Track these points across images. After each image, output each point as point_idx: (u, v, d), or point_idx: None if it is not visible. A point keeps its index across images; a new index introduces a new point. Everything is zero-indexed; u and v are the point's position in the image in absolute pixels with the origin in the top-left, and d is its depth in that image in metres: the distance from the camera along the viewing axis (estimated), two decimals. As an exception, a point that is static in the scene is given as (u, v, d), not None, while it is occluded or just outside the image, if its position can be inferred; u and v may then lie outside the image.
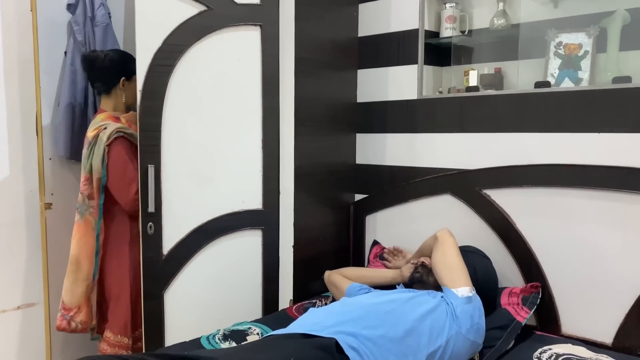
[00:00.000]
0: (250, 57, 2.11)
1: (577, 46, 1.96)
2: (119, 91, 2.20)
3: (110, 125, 2.08)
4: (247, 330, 1.88)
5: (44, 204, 2.28)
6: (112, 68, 2.16)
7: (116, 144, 2.07)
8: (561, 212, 1.86)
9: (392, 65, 2.33)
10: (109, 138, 2.05)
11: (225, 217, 2.11)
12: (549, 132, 1.89)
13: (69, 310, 2.12)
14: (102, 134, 2.06)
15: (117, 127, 2.07)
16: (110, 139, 2.05)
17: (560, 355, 1.66)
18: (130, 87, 2.17)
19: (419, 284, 1.83)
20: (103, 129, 2.07)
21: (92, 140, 2.08)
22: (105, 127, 2.08)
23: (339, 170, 2.42)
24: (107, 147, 2.05)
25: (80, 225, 2.11)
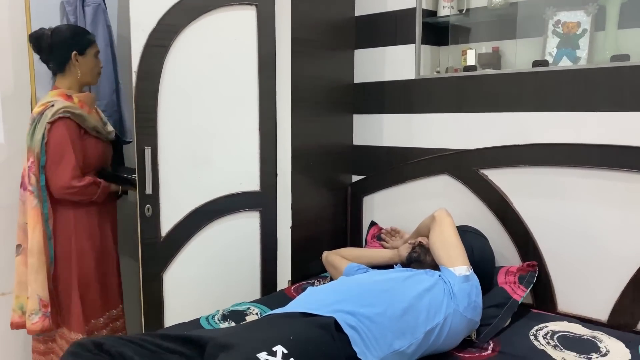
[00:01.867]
0: (246, 37, 2.09)
1: (576, 24, 1.94)
2: (73, 68, 2.05)
3: (57, 103, 1.96)
4: (246, 310, 1.89)
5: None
6: (61, 44, 2.02)
7: (59, 124, 1.94)
8: (558, 191, 1.86)
9: (390, 45, 2.31)
10: (53, 116, 1.92)
11: (223, 199, 2.11)
12: (547, 112, 1.89)
13: (47, 306, 1.98)
14: (48, 111, 1.93)
15: (64, 105, 1.95)
16: (54, 118, 1.92)
17: (556, 333, 1.68)
18: (85, 62, 2.06)
19: (417, 263, 1.84)
20: (50, 106, 1.95)
21: (36, 117, 1.95)
22: (52, 104, 1.95)
23: (336, 152, 2.41)
24: (48, 126, 1.91)
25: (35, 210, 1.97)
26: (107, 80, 2.28)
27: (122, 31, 2.40)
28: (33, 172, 1.93)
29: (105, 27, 2.28)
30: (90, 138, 2.05)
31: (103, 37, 2.26)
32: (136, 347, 1.26)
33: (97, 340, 1.24)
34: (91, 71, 2.08)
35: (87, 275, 2.08)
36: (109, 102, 2.28)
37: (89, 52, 2.05)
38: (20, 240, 2.05)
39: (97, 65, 2.11)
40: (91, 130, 2.04)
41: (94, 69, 2.10)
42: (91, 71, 2.08)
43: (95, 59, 2.09)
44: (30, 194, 1.95)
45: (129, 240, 2.48)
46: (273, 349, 1.22)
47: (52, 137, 1.93)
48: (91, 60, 2.07)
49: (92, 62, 2.08)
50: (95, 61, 2.09)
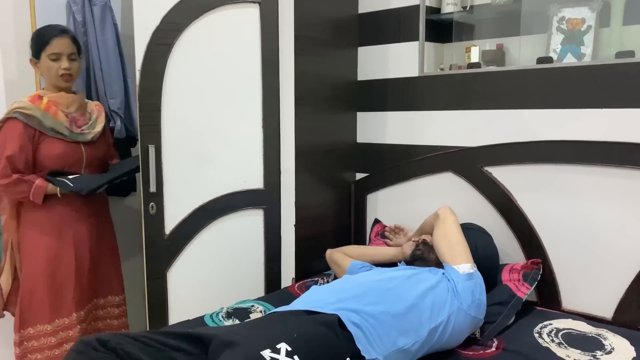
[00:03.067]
0: (250, 35, 2.09)
1: (580, 21, 1.93)
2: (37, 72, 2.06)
3: (16, 104, 1.94)
4: (250, 308, 1.90)
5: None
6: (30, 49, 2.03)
7: (6, 125, 1.93)
8: (562, 188, 1.86)
9: (393, 42, 2.30)
10: (4, 116, 1.93)
11: (227, 197, 2.11)
12: (551, 108, 1.88)
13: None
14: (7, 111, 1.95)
15: (18, 106, 1.93)
16: (3, 117, 1.93)
17: (560, 330, 1.67)
18: (41, 66, 2.01)
19: (420, 261, 1.84)
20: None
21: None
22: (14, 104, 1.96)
23: (339, 149, 2.41)
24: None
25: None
26: (118, 78, 2.29)
27: (125, 30, 2.40)
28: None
29: (112, 26, 2.28)
30: (48, 139, 1.97)
31: (111, 36, 2.26)
32: (141, 345, 1.26)
33: (102, 337, 1.25)
34: (48, 74, 2.00)
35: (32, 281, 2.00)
36: (121, 100, 2.28)
37: (43, 55, 1.98)
38: None
39: (53, 67, 1.98)
40: (48, 131, 1.96)
41: (50, 71, 1.99)
42: (48, 74, 2.00)
43: (49, 61, 1.98)
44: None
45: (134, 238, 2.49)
46: (277, 347, 1.22)
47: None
48: (46, 63, 1.99)
49: (46, 65, 1.99)
50: (49, 64, 1.98)
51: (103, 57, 2.25)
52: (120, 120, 2.28)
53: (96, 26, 2.25)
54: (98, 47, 2.26)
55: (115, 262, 2.29)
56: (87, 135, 2.07)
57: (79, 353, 1.21)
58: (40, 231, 2.01)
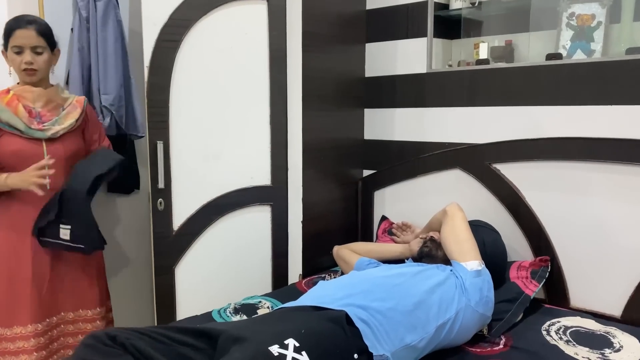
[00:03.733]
0: (257, 31, 2.09)
1: (590, 17, 1.92)
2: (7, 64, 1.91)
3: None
4: (257, 303, 1.90)
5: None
6: None
7: None
8: (571, 185, 1.85)
9: (401, 38, 2.30)
10: None
11: (234, 193, 2.12)
12: (560, 105, 1.87)
13: None
14: None
15: None
16: None
17: (568, 328, 1.67)
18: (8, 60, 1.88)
19: (428, 258, 1.83)
20: None
21: None
22: None
23: (347, 146, 2.41)
24: None
25: None
26: (115, 75, 2.29)
27: (133, 26, 2.41)
28: None
29: (115, 22, 2.28)
30: (6, 134, 1.84)
31: (113, 32, 2.26)
32: (150, 340, 1.27)
33: (110, 332, 1.25)
34: (14, 67, 1.88)
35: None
36: (115, 97, 2.27)
37: (9, 48, 1.85)
38: None
39: (16, 61, 1.86)
40: (3, 125, 1.83)
41: (14, 65, 1.87)
42: (14, 67, 1.88)
43: (13, 54, 1.85)
44: None
45: (142, 234, 2.50)
46: (285, 342, 1.22)
47: None
48: (9, 56, 1.87)
49: (10, 58, 1.87)
50: (12, 57, 1.86)
51: (101, 53, 2.24)
52: (110, 117, 2.23)
53: (98, 22, 2.25)
54: (98, 43, 2.26)
55: (90, 272, 2.04)
56: (47, 131, 1.89)
57: (87, 347, 1.22)
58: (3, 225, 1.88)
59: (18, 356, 1.86)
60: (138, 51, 2.06)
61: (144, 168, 2.39)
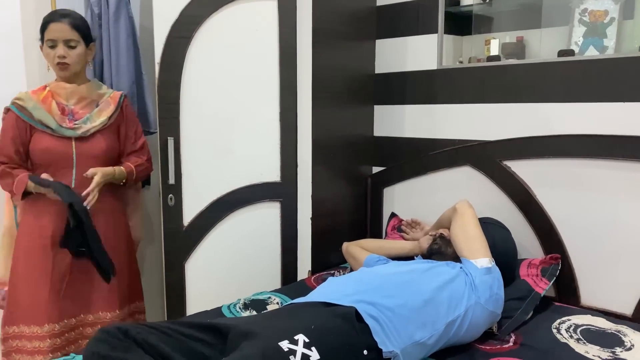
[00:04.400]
0: (268, 28, 2.09)
1: (603, 13, 1.90)
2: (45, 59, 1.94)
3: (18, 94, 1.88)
4: (267, 299, 1.91)
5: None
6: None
7: (5, 115, 1.88)
8: (583, 183, 1.84)
9: (411, 34, 2.29)
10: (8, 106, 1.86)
11: (244, 190, 2.13)
12: (572, 102, 1.85)
13: (4, 284, 1.95)
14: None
15: (18, 96, 1.87)
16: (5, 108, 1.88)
17: (579, 326, 1.66)
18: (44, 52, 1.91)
19: (438, 255, 1.83)
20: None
21: None
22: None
23: (356, 143, 2.41)
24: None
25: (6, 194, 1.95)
26: (127, 71, 2.30)
27: (144, 22, 2.42)
28: None
29: (127, 19, 2.30)
30: (37, 132, 1.86)
31: (125, 29, 2.27)
32: (161, 335, 1.28)
33: (122, 326, 1.27)
34: (49, 62, 1.91)
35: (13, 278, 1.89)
36: (128, 93, 2.29)
37: (45, 42, 1.88)
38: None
39: (50, 55, 1.88)
40: (36, 123, 1.85)
41: (48, 59, 1.90)
42: (49, 62, 1.91)
43: (48, 48, 1.87)
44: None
45: (152, 230, 2.52)
46: (295, 338, 1.23)
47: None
48: (44, 50, 1.89)
49: (45, 52, 1.90)
50: (47, 51, 1.88)
51: (114, 49, 2.26)
52: None
53: (110, 18, 2.26)
54: (110, 39, 2.27)
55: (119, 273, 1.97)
56: (77, 130, 1.88)
57: (99, 341, 1.23)
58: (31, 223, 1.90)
59: (33, 356, 1.84)
60: (149, 47, 2.07)
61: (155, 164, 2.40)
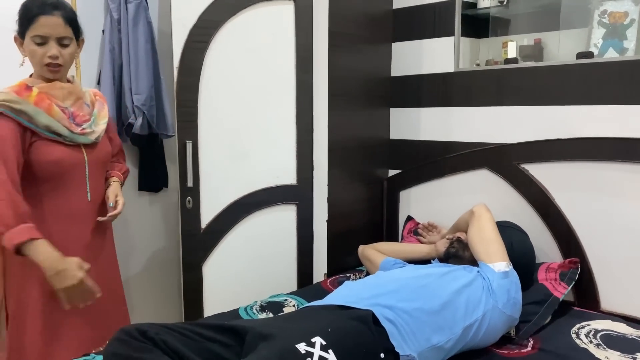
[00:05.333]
0: (284, 31, 2.11)
1: (623, 14, 1.88)
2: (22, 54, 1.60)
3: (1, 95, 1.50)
4: (283, 301, 1.92)
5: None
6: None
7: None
8: (602, 186, 1.81)
9: (428, 37, 2.28)
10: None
11: (261, 192, 2.14)
12: (592, 105, 1.83)
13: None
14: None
15: (3, 99, 1.49)
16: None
17: (599, 332, 1.64)
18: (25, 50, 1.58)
19: (455, 259, 1.82)
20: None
21: None
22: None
23: (372, 146, 2.41)
24: None
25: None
26: (146, 75, 2.33)
27: (163, 26, 2.45)
28: None
29: (146, 24, 2.32)
30: (41, 140, 1.56)
31: (144, 33, 2.30)
32: (178, 335, 1.30)
33: (141, 327, 1.28)
34: (32, 60, 1.57)
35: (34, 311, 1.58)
36: (147, 97, 2.32)
37: (27, 36, 1.54)
38: None
39: (37, 53, 1.55)
40: (41, 131, 1.54)
41: (33, 57, 1.56)
42: (32, 60, 1.57)
43: (34, 45, 1.55)
44: None
45: (170, 232, 2.55)
46: (312, 340, 1.23)
47: None
48: (28, 46, 1.55)
49: (29, 49, 1.56)
50: (33, 48, 1.55)
51: (133, 53, 2.29)
52: (142, 116, 2.27)
53: (129, 23, 2.29)
54: (129, 44, 2.30)
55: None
56: (90, 135, 1.66)
57: (119, 341, 1.25)
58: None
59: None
60: (167, 52, 2.10)
61: (173, 166, 2.43)
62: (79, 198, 1.65)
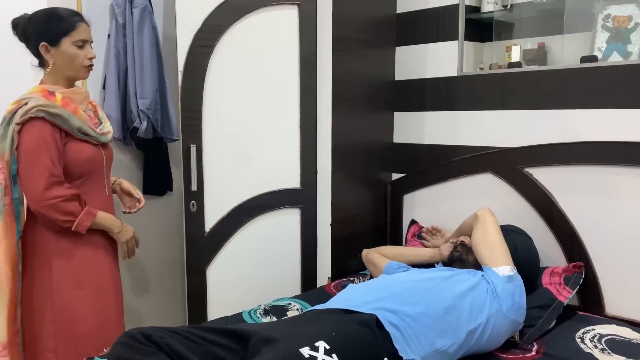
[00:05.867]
0: (288, 36, 2.12)
1: (627, 18, 1.88)
2: (49, 61, 1.69)
3: (32, 101, 1.61)
4: (287, 305, 1.92)
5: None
6: (32, 32, 1.69)
7: (31, 125, 1.60)
8: (606, 190, 1.81)
9: (431, 41, 2.29)
10: (23, 116, 1.59)
11: (265, 196, 2.15)
12: (596, 109, 1.83)
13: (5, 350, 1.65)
14: (20, 110, 1.60)
15: (38, 104, 1.60)
16: (24, 118, 1.59)
17: (604, 336, 1.63)
18: (59, 54, 1.68)
19: (459, 262, 1.82)
20: (24, 104, 1.61)
21: (6, 116, 1.63)
22: (27, 101, 1.61)
23: (376, 149, 2.41)
24: (17, 127, 1.59)
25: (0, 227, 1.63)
26: (151, 80, 2.34)
27: (167, 31, 2.46)
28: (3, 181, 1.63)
29: (151, 28, 2.34)
30: (74, 141, 1.69)
31: (149, 38, 2.31)
32: (182, 339, 1.30)
33: (145, 331, 1.29)
34: (71, 63, 1.70)
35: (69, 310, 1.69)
36: (152, 101, 2.33)
37: (65, 42, 1.67)
38: None
39: (79, 56, 1.70)
40: (75, 132, 1.68)
41: (75, 60, 1.70)
42: (71, 63, 1.70)
43: (76, 48, 1.69)
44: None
45: (174, 235, 2.55)
46: (315, 344, 1.23)
47: (23, 140, 1.60)
48: (69, 50, 1.68)
49: (71, 53, 1.68)
50: (75, 52, 1.69)
51: (138, 58, 2.30)
52: (147, 120, 2.28)
53: (134, 28, 2.31)
54: (134, 48, 2.31)
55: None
56: (108, 135, 1.82)
57: (124, 345, 1.25)
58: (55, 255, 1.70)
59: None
60: (172, 56, 2.11)
61: (177, 170, 2.44)
62: (100, 192, 1.81)
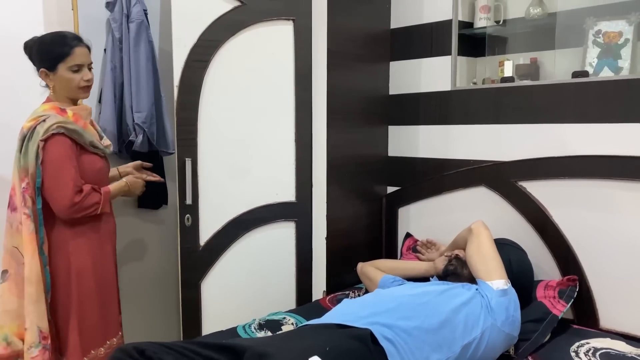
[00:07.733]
0: (284, 51, 2.13)
1: (617, 34, 1.90)
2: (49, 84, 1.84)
3: (51, 118, 1.75)
4: (282, 320, 1.91)
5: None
6: (34, 58, 1.84)
7: (54, 141, 1.73)
8: (599, 203, 1.82)
9: (425, 56, 2.31)
10: (45, 132, 1.72)
11: (260, 209, 2.15)
12: (587, 123, 1.85)
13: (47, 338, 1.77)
14: (40, 127, 1.73)
15: (57, 121, 1.74)
16: (47, 134, 1.72)
17: (598, 350, 1.63)
18: (57, 79, 1.82)
19: (453, 276, 1.82)
20: (42, 121, 1.74)
21: (27, 133, 1.75)
22: (44, 119, 1.75)
23: (371, 163, 2.42)
24: (41, 143, 1.72)
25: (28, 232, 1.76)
26: (147, 93, 2.35)
27: (164, 45, 2.48)
28: (29, 194, 1.74)
29: (147, 43, 2.35)
30: (87, 154, 1.84)
31: (145, 52, 2.33)
32: (176, 354, 1.29)
33: (139, 346, 1.28)
34: (67, 86, 1.82)
35: (87, 300, 1.85)
36: (147, 115, 2.33)
37: (61, 67, 1.80)
38: (6, 266, 1.82)
39: (75, 80, 1.82)
40: (88, 146, 1.83)
41: (71, 84, 1.82)
42: (67, 86, 1.82)
43: (71, 73, 1.81)
44: (26, 218, 1.74)
45: (169, 249, 2.55)
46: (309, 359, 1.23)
47: (48, 155, 1.73)
48: (65, 75, 1.81)
49: (66, 77, 1.81)
50: (70, 76, 1.81)
51: (134, 72, 2.31)
52: (143, 134, 2.29)
53: (130, 42, 2.32)
54: (130, 63, 2.32)
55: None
56: (109, 147, 1.98)
57: (117, 360, 1.25)
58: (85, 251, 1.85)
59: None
60: (168, 70, 2.12)
61: (172, 184, 2.43)
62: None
